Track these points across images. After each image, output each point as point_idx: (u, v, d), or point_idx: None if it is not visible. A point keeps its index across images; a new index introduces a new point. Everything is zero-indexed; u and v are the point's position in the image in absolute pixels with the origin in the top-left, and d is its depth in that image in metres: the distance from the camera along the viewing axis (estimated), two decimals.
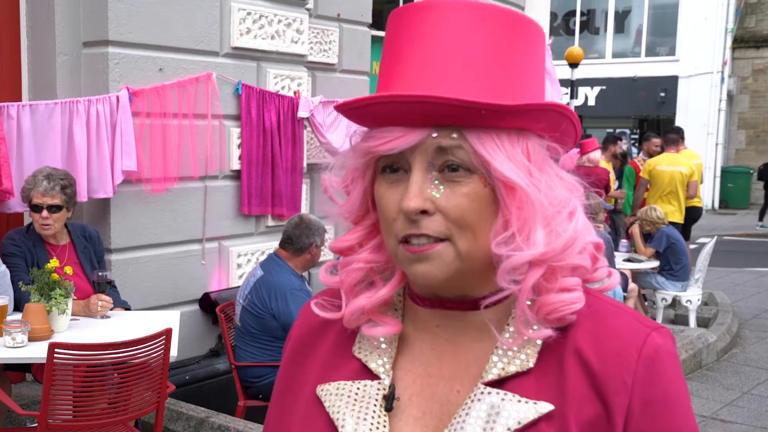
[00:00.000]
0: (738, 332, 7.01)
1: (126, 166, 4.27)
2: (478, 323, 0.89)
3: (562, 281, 0.85)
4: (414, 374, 0.91)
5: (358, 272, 0.93)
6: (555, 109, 0.85)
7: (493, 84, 0.83)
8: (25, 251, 3.79)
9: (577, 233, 0.85)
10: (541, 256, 0.83)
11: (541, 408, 0.82)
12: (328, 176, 0.94)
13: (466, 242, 0.83)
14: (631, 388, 0.83)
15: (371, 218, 0.93)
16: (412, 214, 0.82)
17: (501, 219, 0.84)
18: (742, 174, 18.95)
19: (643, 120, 20.50)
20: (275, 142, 5.14)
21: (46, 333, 3.34)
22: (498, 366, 0.85)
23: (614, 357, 0.84)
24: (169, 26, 4.55)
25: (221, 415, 3.99)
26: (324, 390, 0.92)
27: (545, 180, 0.85)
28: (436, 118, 0.82)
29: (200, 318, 4.96)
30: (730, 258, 11.33)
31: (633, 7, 19.83)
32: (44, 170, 3.81)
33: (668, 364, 0.85)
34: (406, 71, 0.84)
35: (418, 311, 0.93)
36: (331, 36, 5.92)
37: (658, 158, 8.60)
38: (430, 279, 0.84)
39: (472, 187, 0.83)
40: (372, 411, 0.88)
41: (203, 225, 4.88)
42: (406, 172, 0.85)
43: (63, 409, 3.12)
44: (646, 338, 0.85)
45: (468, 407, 0.84)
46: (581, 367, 0.84)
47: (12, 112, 4.00)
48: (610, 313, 0.88)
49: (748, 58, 19.80)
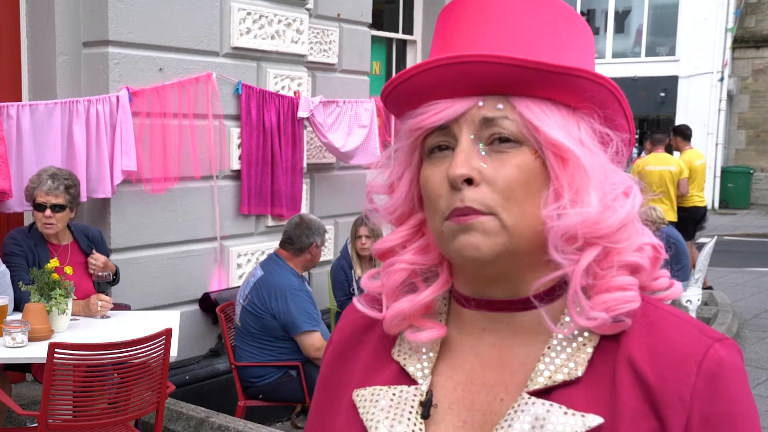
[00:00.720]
0: (738, 332, 7.01)
1: (126, 166, 4.27)
2: (526, 326, 0.84)
3: (618, 278, 0.80)
4: (455, 381, 0.86)
5: (401, 273, 0.88)
6: (605, 84, 0.81)
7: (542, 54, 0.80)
8: (27, 251, 3.79)
9: (633, 213, 0.81)
10: (594, 227, 0.78)
11: (590, 421, 0.77)
12: (373, 182, 0.91)
13: (513, 216, 0.79)
14: (690, 405, 0.77)
15: (416, 218, 0.90)
16: (458, 180, 0.78)
17: (552, 190, 0.80)
18: (742, 174, 18.95)
19: (643, 120, 20.50)
20: (275, 142, 5.14)
21: (46, 333, 3.34)
22: (544, 374, 0.80)
23: (672, 370, 0.78)
24: (169, 26, 4.55)
25: (221, 415, 3.99)
26: (359, 395, 0.88)
27: (599, 156, 0.82)
28: (483, 86, 0.79)
29: (200, 318, 4.96)
30: (730, 258, 11.33)
31: (633, 7, 19.84)
32: (49, 170, 3.81)
33: (732, 380, 0.79)
34: (452, 45, 0.83)
35: (463, 314, 0.88)
36: (331, 36, 5.92)
37: (647, 159, 8.64)
38: (476, 252, 0.79)
39: (521, 159, 0.80)
40: (407, 418, 0.83)
41: (216, 224, 4.88)
42: (452, 151, 0.81)
43: (63, 409, 3.12)
44: (707, 350, 0.79)
45: (511, 418, 0.79)
46: (635, 380, 0.78)
47: (12, 112, 4.00)
48: (669, 322, 0.82)
49: (748, 58, 19.80)
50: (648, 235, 0.84)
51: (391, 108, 0.88)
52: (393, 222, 0.91)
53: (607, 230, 0.79)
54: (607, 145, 0.83)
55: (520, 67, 0.77)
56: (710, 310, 7.56)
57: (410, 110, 0.85)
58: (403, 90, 0.83)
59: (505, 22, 0.82)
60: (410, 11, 7.75)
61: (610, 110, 0.83)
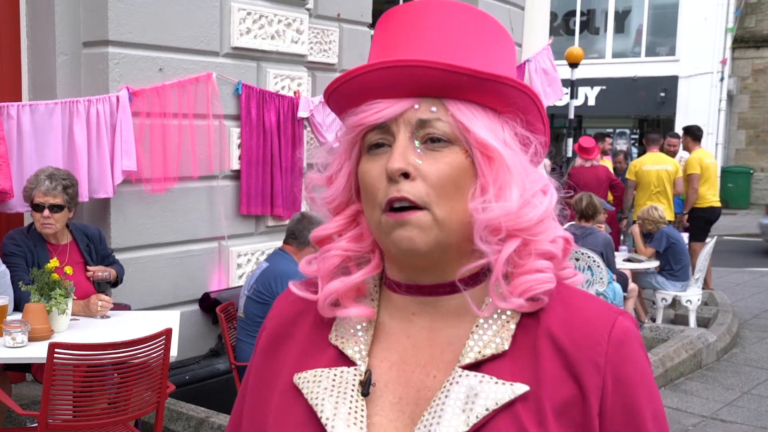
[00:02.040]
0: (738, 332, 7.01)
1: (126, 166, 4.27)
2: (453, 309, 0.92)
3: (536, 263, 0.88)
4: (390, 361, 0.93)
5: (335, 259, 0.95)
6: (526, 92, 0.90)
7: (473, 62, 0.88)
8: (26, 251, 3.79)
9: (550, 209, 0.90)
10: (516, 220, 0.87)
11: (517, 389, 0.85)
12: (313, 173, 0.99)
13: (444, 211, 0.87)
14: (604, 369, 0.86)
15: (352, 208, 0.97)
16: (396, 174, 0.86)
17: (478, 185, 0.88)
18: (742, 174, 18.94)
19: (643, 120, 20.50)
20: (275, 142, 5.15)
21: (46, 333, 3.34)
22: (474, 350, 0.88)
23: (586, 339, 0.87)
24: (169, 26, 4.55)
25: (221, 415, 3.99)
26: (301, 378, 0.93)
27: (520, 156, 0.91)
28: (420, 88, 0.87)
29: (200, 318, 4.96)
30: (730, 258, 11.33)
31: (633, 7, 19.82)
32: (47, 170, 3.81)
33: (636, 346, 0.90)
34: (392, 49, 0.91)
35: (393, 299, 0.96)
36: (331, 36, 5.92)
37: (643, 158, 8.66)
38: (411, 244, 0.87)
39: (453, 157, 0.88)
40: (350, 396, 0.89)
41: (216, 224, 4.88)
42: (390, 147, 0.89)
43: (63, 409, 3.12)
44: (614, 321, 0.89)
45: (447, 390, 0.86)
46: (554, 350, 0.87)
47: (12, 112, 4.01)
48: (579, 298, 0.92)
49: (748, 58, 19.79)
50: (560, 229, 0.93)
51: (332, 106, 0.95)
52: (330, 211, 0.98)
53: (527, 224, 0.88)
54: (527, 147, 0.92)
55: (454, 73, 0.85)
56: (710, 310, 7.56)
57: (352, 108, 0.92)
58: (346, 89, 0.91)
59: (441, 31, 0.90)
60: None
61: (531, 116, 0.92)
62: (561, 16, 20.27)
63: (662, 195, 8.25)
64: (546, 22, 8.81)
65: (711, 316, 7.36)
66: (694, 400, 5.38)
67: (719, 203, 8.72)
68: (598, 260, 5.90)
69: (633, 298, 6.72)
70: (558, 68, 8.26)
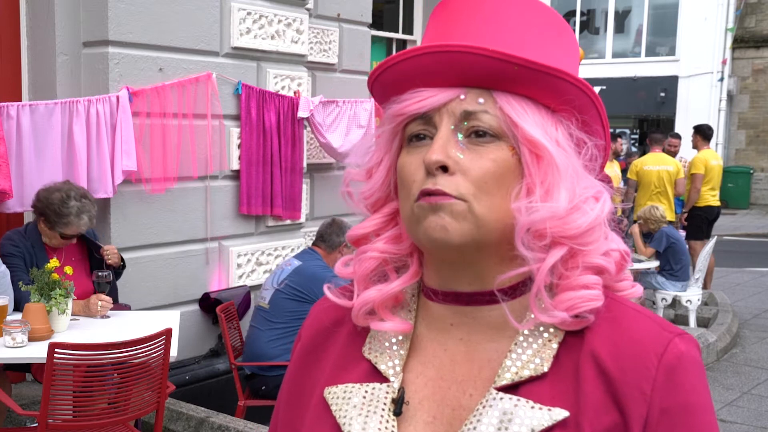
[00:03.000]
0: (738, 332, 7.01)
1: (126, 166, 4.27)
2: (492, 321, 0.86)
3: (583, 277, 0.81)
4: (426, 377, 0.87)
5: (372, 261, 0.90)
6: (584, 90, 0.83)
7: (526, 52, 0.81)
8: (24, 252, 3.79)
9: (601, 216, 0.83)
10: (562, 227, 0.80)
11: (556, 415, 0.79)
12: (351, 168, 0.93)
13: (483, 206, 0.81)
14: (650, 397, 0.78)
15: (391, 206, 0.91)
16: (434, 166, 0.80)
17: (524, 185, 0.82)
18: (742, 174, 18.94)
19: (643, 120, 20.50)
20: (275, 142, 5.14)
21: (46, 333, 3.34)
22: (511, 370, 0.82)
23: (633, 363, 0.80)
24: (169, 26, 4.55)
25: (221, 415, 3.99)
26: (331, 393, 0.89)
27: (573, 157, 0.83)
28: (467, 77, 0.81)
29: (200, 318, 4.96)
30: (730, 258, 11.33)
31: (633, 7, 19.83)
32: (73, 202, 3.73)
33: (691, 373, 0.81)
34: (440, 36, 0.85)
35: (431, 309, 0.90)
36: (331, 36, 5.92)
37: (644, 158, 8.67)
38: (444, 233, 0.80)
39: (498, 153, 0.82)
40: (380, 415, 0.84)
41: (216, 224, 4.88)
42: (431, 140, 0.83)
43: (63, 409, 3.12)
44: (667, 344, 0.81)
45: (479, 413, 0.81)
46: (598, 374, 0.80)
47: (12, 112, 4.00)
48: (630, 317, 0.84)
49: (748, 58, 19.79)
50: (616, 241, 0.85)
51: (376, 94, 0.90)
52: (367, 208, 0.93)
53: (575, 231, 0.81)
54: (582, 149, 0.85)
55: (504, 62, 0.79)
56: (710, 310, 7.56)
57: (395, 96, 0.86)
58: (389, 76, 0.85)
59: (495, 18, 0.84)
60: (410, 11, 7.76)
61: (588, 116, 0.85)
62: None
63: (663, 195, 8.26)
64: None
65: (711, 316, 7.36)
66: None
67: (719, 203, 8.73)
68: None
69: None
70: None
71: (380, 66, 0.84)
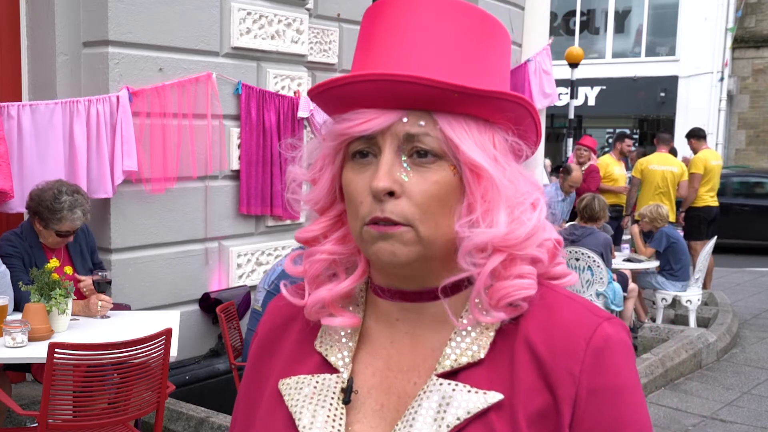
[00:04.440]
0: (738, 332, 7.01)
1: (127, 166, 4.27)
2: (436, 315, 0.90)
3: (517, 268, 0.86)
4: (374, 368, 0.92)
5: (321, 263, 0.94)
6: (521, 103, 0.87)
7: (464, 73, 0.85)
8: (23, 252, 3.79)
9: (539, 224, 0.87)
10: (503, 240, 0.85)
11: (491, 398, 0.83)
12: (295, 168, 0.96)
13: (428, 229, 0.85)
14: (579, 378, 0.83)
15: (337, 209, 0.95)
16: (381, 193, 0.83)
17: (466, 204, 0.86)
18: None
19: (643, 120, 20.50)
20: (275, 142, 5.14)
21: (46, 333, 3.34)
22: (451, 358, 0.87)
23: (563, 347, 0.84)
24: (169, 26, 4.55)
25: (221, 415, 3.99)
26: (285, 384, 0.93)
27: (509, 170, 0.88)
28: (409, 101, 0.84)
29: (200, 318, 4.96)
30: (730, 258, 11.33)
31: (633, 7, 19.83)
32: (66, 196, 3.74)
33: (618, 355, 0.85)
34: (380, 55, 0.86)
35: (379, 304, 0.94)
36: (331, 36, 5.92)
37: (650, 158, 8.65)
38: (393, 257, 0.85)
39: (441, 175, 0.85)
40: (329, 404, 0.89)
41: (216, 224, 4.88)
42: (375, 157, 0.86)
43: (63, 409, 3.12)
44: (596, 328, 0.85)
45: (420, 399, 0.86)
46: (531, 358, 0.85)
47: (12, 112, 4.00)
48: (562, 304, 0.88)
49: (748, 58, 19.79)
50: (549, 230, 0.90)
51: (320, 105, 0.91)
52: (315, 211, 0.97)
53: (514, 241, 0.85)
54: (519, 154, 0.90)
55: (445, 90, 0.82)
56: (710, 310, 7.56)
57: (337, 113, 0.89)
58: (331, 95, 0.87)
59: (430, 34, 0.86)
60: None
61: (524, 125, 0.89)
62: (561, 16, 20.27)
63: (665, 196, 8.22)
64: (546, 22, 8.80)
65: (711, 316, 7.36)
66: (694, 400, 5.38)
67: (716, 203, 8.71)
68: (598, 260, 5.90)
69: (633, 298, 6.72)
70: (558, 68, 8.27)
71: (320, 86, 0.86)
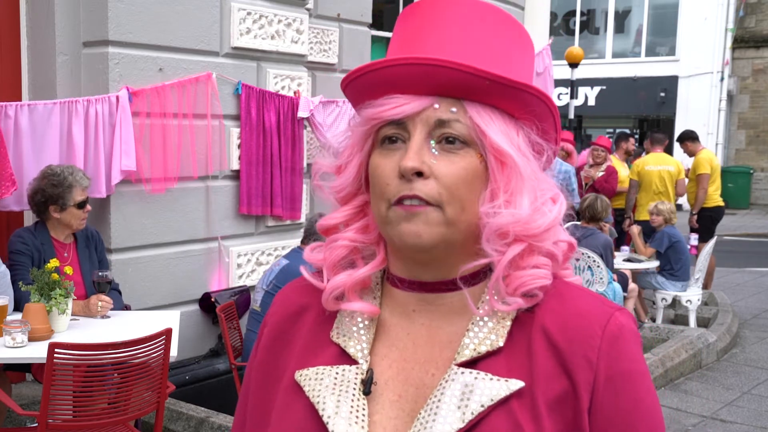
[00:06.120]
0: (738, 332, 7.01)
1: (125, 166, 4.27)
2: (453, 306, 0.93)
3: (533, 259, 0.89)
4: (390, 359, 0.93)
5: (342, 249, 0.96)
6: (545, 100, 0.90)
7: (495, 66, 0.88)
8: (33, 250, 3.80)
9: (559, 217, 0.91)
10: (525, 227, 0.87)
11: (512, 385, 0.86)
12: (322, 159, 0.99)
13: (454, 211, 0.87)
14: (596, 364, 0.86)
15: (360, 199, 0.97)
16: (410, 172, 0.86)
17: (489, 190, 0.89)
18: (742, 174, 18.94)
19: (643, 120, 20.49)
20: (275, 142, 5.14)
21: (46, 333, 3.34)
22: (470, 347, 0.89)
23: (579, 334, 0.88)
24: (169, 26, 4.55)
25: (221, 415, 3.99)
26: (303, 375, 0.93)
27: (532, 163, 0.91)
28: (441, 87, 0.87)
29: (200, 318, 4.96)
30: (730, 258, 11.33)
31: (633, 7, 19.82)
32: (69, 168, 3.87)
33: (631, 343, 0.89)
34: (414, 43, 0.90)
35: (395, 295, 0.96)
36: (331, 36, 5.92)
37: (645, 158, 8.64)
38: (417, 239, 0.87)
39: (468, 161, 0.88)
40: (351, 395, 0.90)
41: (216, 224, 4.88)
42: (404, 143, 0.89)
43: (63, 409, 3.12)
44: (609, 317, 0.89)
45: (443, 387, 0.87)
46: (548, 345, 0.88)
47: (10, 112, 4.00)
48: (575, 294, 0.92)
49: (748, 58, 19.79)
50: (565, 234, 0.93)
51: (350, 96, 0.95)
52: (338, 201, 0.99)
53: (535, 230, 0.88)
54: (540, 154, 0.93)
55: (476, 76, 0.85)
56: (710, 310, 7.56)
57: (369, 100, 0.92)
58: (365, 80, 0.90)
59: (463, 29, 0.90)
60: None
61: (546, 123, 0.92)
62: (561, 16, 20.27)
63: (664, 196, 8.21)
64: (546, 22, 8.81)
65: (711, 316, 7.36)
66: (694, 400, 5.38)
67: (723, 202, 8.70)
68: (598, 260, 5.90)
69: (633, 298, 6.72)
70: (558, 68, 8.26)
71: (356, 71, 0.90)
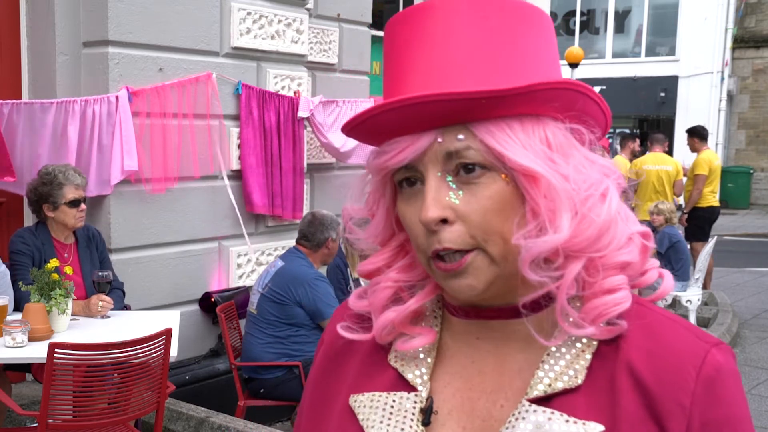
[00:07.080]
0: (738, 332, 7.01)
1: (127, 166, 4.27)
2: (521, 333, 0.83)
3: (606, 282, 0.79)
4: (454, 387, 0.86)
5: (387, 291, 0.88)
6: (566, 87, 0.78)
7: (498, 72, 0.78)
8: (34, 250, 3.80)
9: (611, 216, 0.79)
10: (570, 243, 0.77)
11: (591, 429, 0.76)
12: (350, 206, 0.91)
13: (497, 247, 0.78)
14: (690, 411, 0.76)
15: (398, 239, 0.89)
16: (432, 224, 0.78)
17: (528, 209, 0.78)
18: (742, 174, 18.95)
19: (643, 120, 20.50)
20: (275, 142, 5.14)
21: (46, 333, 3.34)
22: (544, 382, 0.79)
23: (670, 376, 0.77)
24: (169, 26, 4.55)
25: (221, 415, 3.99)
26: (357, 401, 0.87)
27: (572, 164, 0.79)
28: (438, 119, 0.78)
29: (200, 318, 4.96)
30: (730, 258, 11.32)
31: (633, 7, 19.83)
32: (63, 166, 3.84)
33: (729, 385, 0.79)
34: (407, 78, 0.81)
35: (455, 323, 0.88)
36: (331, 36, 5.92)
37: (644, 158, 8.66)
38: (470, 291, 0.80)
39: (493, 189, 0.78)
40: (408, 425, 0.83)
41: (216, 224, 4.88)
42: (422, 184, 0.80)
43: (63, 409, 3.12)
44: (705, 356, 0.79)
45: (512, 425, 0.79)
46: (634, 386, 0.78)
47: (5, 110, 3.99)
48: (665, 326, 0.81)
49: (748, 58, 19.79)
50: (633, 221, 0.82)
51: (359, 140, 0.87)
52: (377, 244, 0.91)
53: (585, 243, 0.78)
54: (581, 141, 0.81)
55: (471, 99, 0.75)
56: (710, 310, 7.56)
57: (376, 145, 0.84)
58: (364, 129, 0.82)
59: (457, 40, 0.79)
60: None
61: (578, 105, 0.81)
62: (561, 16, 20.27)
63: (662, 196, 8.24)
64: None
65: (711, 316, 7.36)
66: None
67: (718, 203, 8.72)
68: None
69: None
70: None
71: (350, 122, 0.82)
